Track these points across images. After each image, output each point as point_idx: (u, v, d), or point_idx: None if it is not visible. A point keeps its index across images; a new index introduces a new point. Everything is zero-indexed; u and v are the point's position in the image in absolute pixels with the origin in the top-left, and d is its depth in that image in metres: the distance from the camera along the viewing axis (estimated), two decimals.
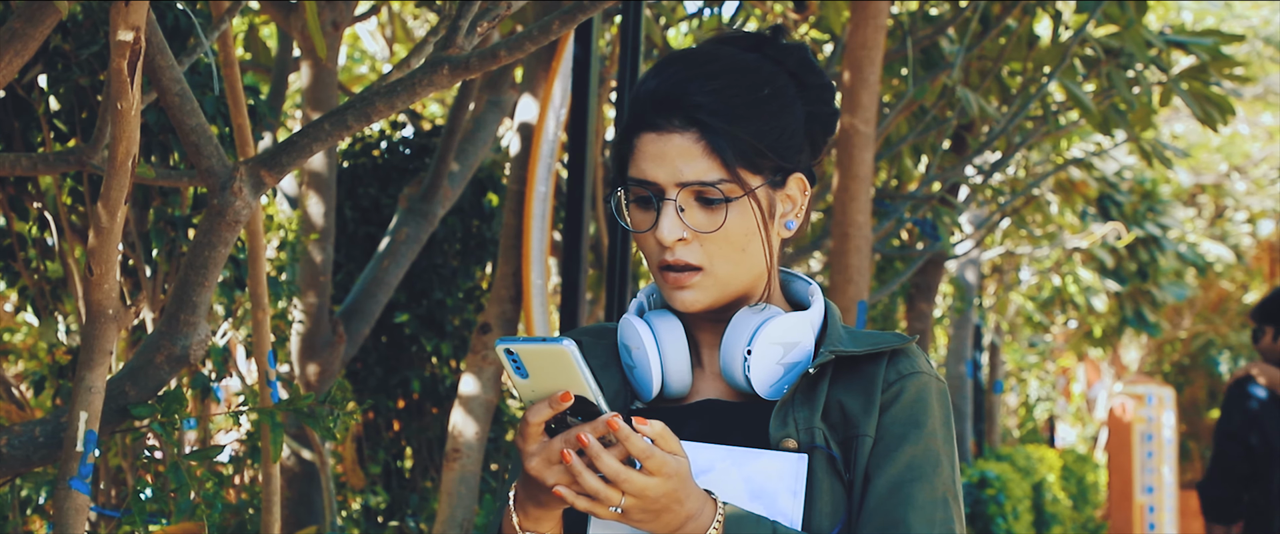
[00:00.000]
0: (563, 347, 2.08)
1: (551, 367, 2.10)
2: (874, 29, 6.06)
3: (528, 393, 2.13)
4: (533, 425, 2.11)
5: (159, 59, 3.05)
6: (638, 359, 2.35)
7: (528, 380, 2.11)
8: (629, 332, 2.37)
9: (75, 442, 2.96)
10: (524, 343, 2.09)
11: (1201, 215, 21.86)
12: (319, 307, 6.49)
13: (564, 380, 2.10)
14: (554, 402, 2.10)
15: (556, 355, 2.09)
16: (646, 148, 2.30)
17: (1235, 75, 7.93)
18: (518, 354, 2.10)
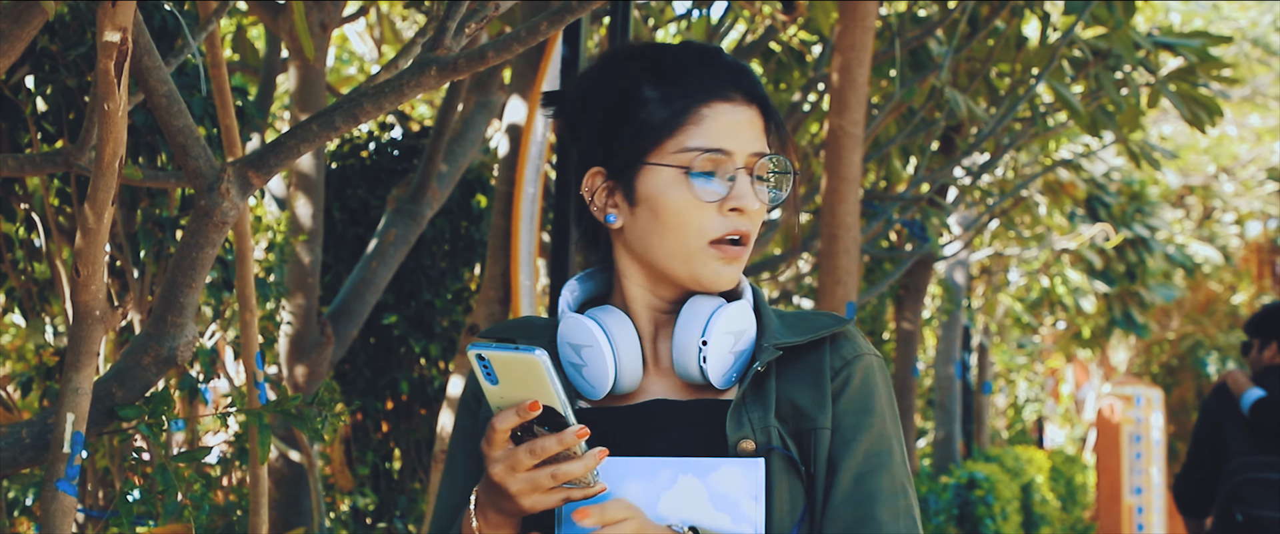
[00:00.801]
0: (535, 357, 2.07)
1: (522, 375, 2.09)
2: (862, 30, 6.06)
3: (496, 399, 2.13)
4: (500, 432, 2.12)
5: (146, 60, 3.04)
6: (589, 358, 2.31)
7: (497, 387, 2.12)
8: (576, 329, 2.32)
9: (62, 443, 2.96)
10: (496, 349, 2.09)
11: (1189, 217, 21.90)
12: (307, 308, 6.49)
13: (533, 390, 2.10)
14: (522, 410, 2.10)
15: (528, 365, 2.08)
16: (721, 117, 2.28)
17: (1223, 77, 7.94)
18: (489, 360, 2.10)
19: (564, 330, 2.34)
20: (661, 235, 2.30)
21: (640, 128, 2.29)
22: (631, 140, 2.29)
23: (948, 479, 10.60)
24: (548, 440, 2.10)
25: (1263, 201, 22.16)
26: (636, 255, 2.35)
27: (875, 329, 13.44)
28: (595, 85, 2.35)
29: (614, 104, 2.31)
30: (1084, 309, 16.35)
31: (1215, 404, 7.26)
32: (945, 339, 12.70)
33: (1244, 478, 6.91)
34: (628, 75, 2.32)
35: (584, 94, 2.35)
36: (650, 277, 2.35)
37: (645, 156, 2.29)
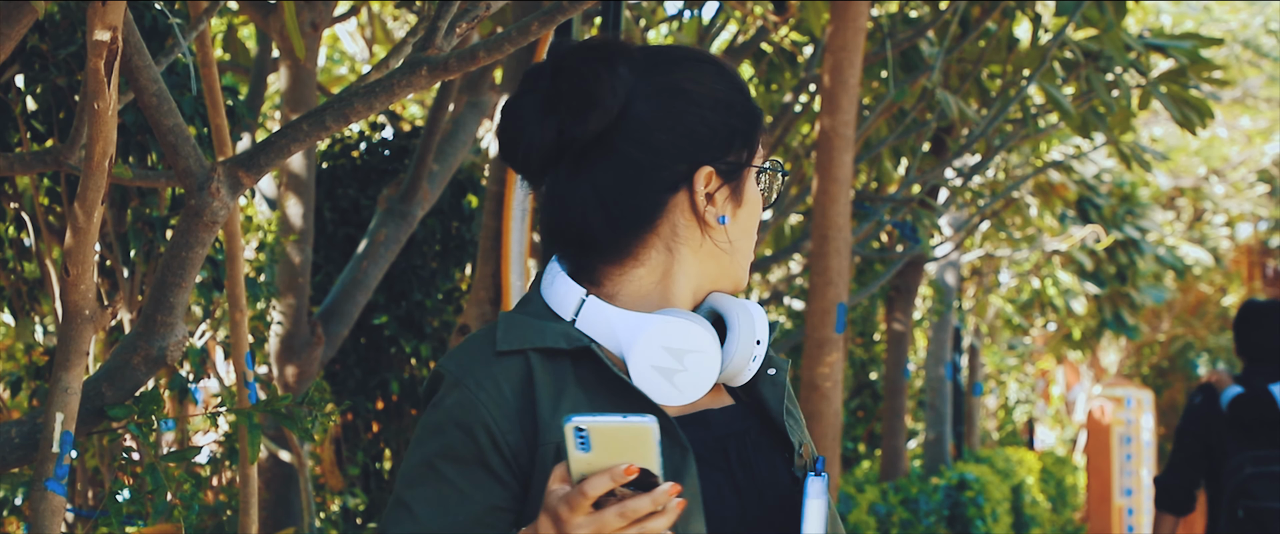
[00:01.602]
0: (648, 425, 1.96)
1: (625, 442, 1.97)
2: (854, 31, 6.06)
3: (583, 466, 1.99)
4: (589, 498, 1.97)
5: (136, 59, 3.04)
6: (692, 364, 2.22)
7: (588, 454, 1.98)
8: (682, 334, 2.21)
9: (51, 443, 2.95)
10: (600, 420, 1.97)
11: (1180, 218, 21.93)
12: (297, 308, 6.48)
13: (633, 454, 1.98)
14: (617, 475, 1.96)
15: (636, 433, 1.97)
16: None
17: (1214, 79, 7.95)
18: (588, 431, 1.97)
19: (661, 334, 2.22)
20: (747, 236, 2.33)
21: (750, 130, 2.31)
22: (744, 141, 2.30)
23: (938, 480, 10.61)
24: (640, 501, 1.98)
25: (1253, 204, 22.19)
26: (715, 260, 2.31)
27: (866, 330, 13.45)
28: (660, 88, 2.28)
29: (718, 103, 2.30)
30: (1074, 311, 16.37)
31: (1204, 402, 7.25)
32: (936, 340, 12.70)
33: (1251, 473, 6.92)
34: (719, 75, 2.31)
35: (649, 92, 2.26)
36: (711, 278, 2.33)
37: (753, 159, 2.31)
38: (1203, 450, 7.18)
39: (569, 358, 2.22)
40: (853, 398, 13.48)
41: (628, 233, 2.27)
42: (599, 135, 2.24)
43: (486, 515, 2.16)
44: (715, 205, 2.28)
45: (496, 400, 2.17)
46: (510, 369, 2.19)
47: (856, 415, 13.53)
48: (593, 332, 2.24)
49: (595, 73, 2.23)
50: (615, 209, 2.25)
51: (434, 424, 2.20)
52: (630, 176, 2.25)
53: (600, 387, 2.21)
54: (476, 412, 2.17)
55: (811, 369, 5.93)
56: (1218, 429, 7.10)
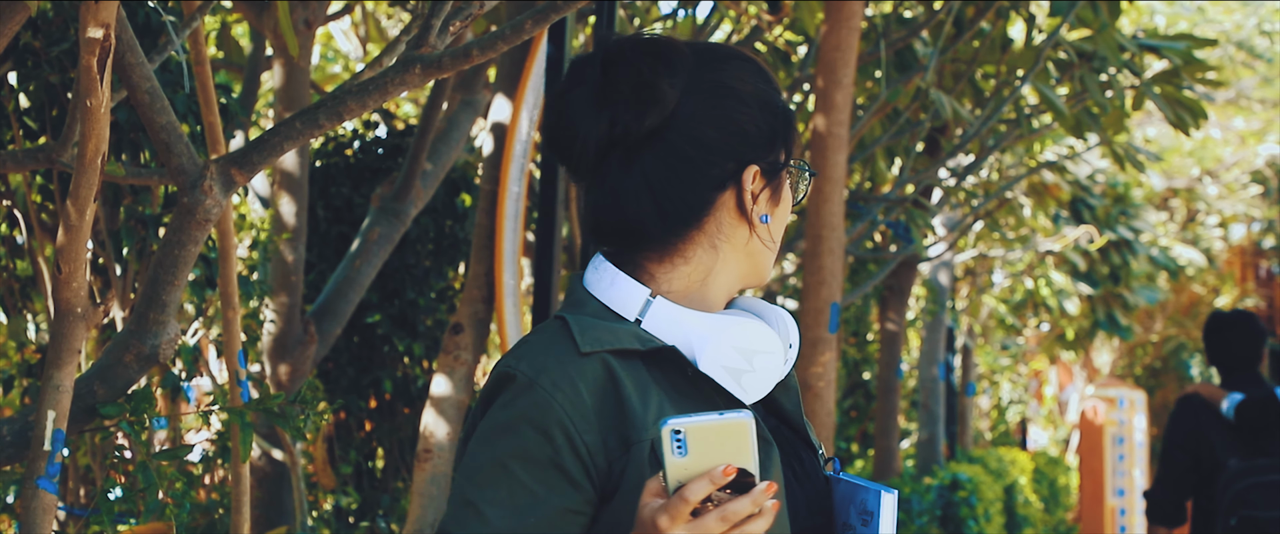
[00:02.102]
0: (745, 420, 1.95)
1: (721, 441, 1.95)
2: (848, 31, 6.06)
3: (680, 472, 1.96)
4: (690, 505, 1.95)
5: (129, 56, 3.03)
6: (760, 364, 2.22)
7: (685, 458, 1.95)
8: (753, 334, 2.22)
9: (43, 441, 2.95)
10: (696, 420, 1.94)
11: (1173, 219, 21.95)
12: (290, 306, 6.48)
13: (731, 454, 1.95)
14: (716, 477, 1.94)
15: (734, 430, 1.95)
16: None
17: (1207, 79, 7.96)
18: (685, 433, 1.94)
19: (734, 335, 2.22)
20: (777, 239, 2.34)
21: (788, 130, 2.33)
22: (785, 141, 2.32)
23: (931, 480, 10.62)
24: (741, 503, 1.96)
25: (1246, 204, 22.21)
26: (753, 258, 2.33)
27: (860, 330, 13.45)
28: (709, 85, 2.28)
29: (754, 105, 2.30)
30: (1068, 311, 16.37)
31: (1191, 414, 7.33)
32: (929, 340, 12.71)
33: (1248, 483, 6.96)
34: (760, 75, 2.32)
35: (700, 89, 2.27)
36: (745, 277, 2.34)
37: (790, 159, 2.34)
38: (1191, 463, 7.23)
39: (641, 359, 2.21)
40: (846, 397, 13.49)
41: (677, 228, 2.27)
42: (653, 130, 2.25)
43: (559, 519, 2.12)
44: (759, 204, 2.29)
45: (574, 401, 2.14)
46: (587, 370, 2.16)
47: (850, 415, 13.54)
48: (659, 331, 2.24)
49: (653, 68, 2.24)
50: (667, 203, 2.25)
51: (504, 424, 2.16)
52: (682, 172, 2.25)
53: (675, 387, 2.21)
54: (553, 413, 2.13)
55: (805, 369, 5.92)
56: (1205, 440, 7.17)
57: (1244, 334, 7.38)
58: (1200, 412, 7.27)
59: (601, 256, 2.33)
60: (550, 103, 2.32)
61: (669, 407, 2.17)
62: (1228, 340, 7.40)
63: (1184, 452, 7.27)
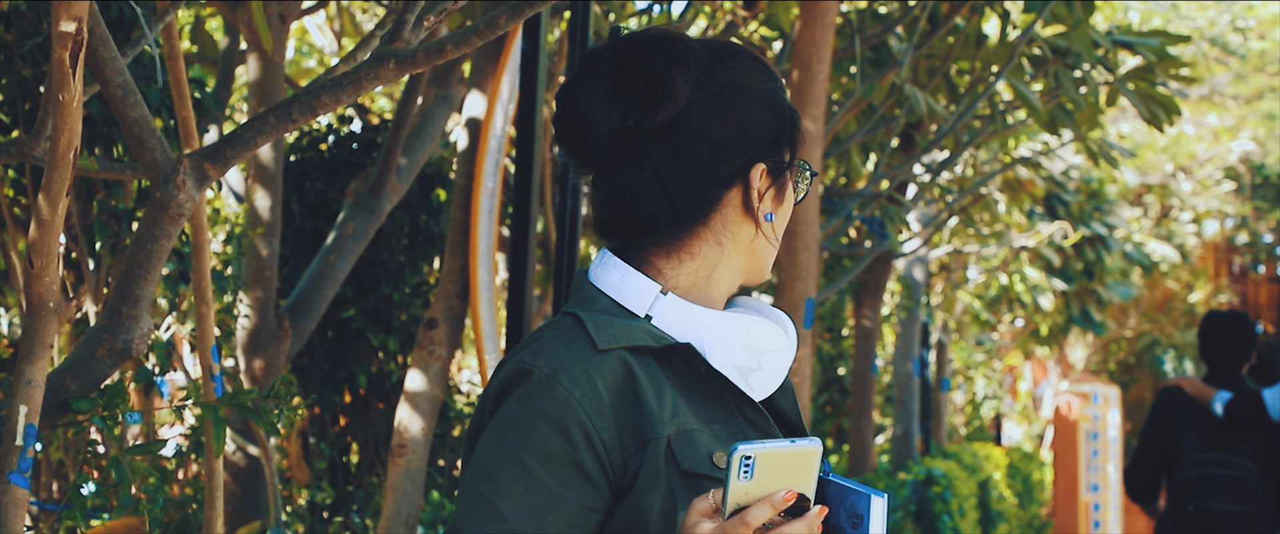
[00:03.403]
0: (815, 448, 1.97)
1: (788, 467, 1.97)
2: (823, 27, 6.07)
3: (741, 496, 1.97)
4: (750, 529, 1.96)
5: (102, 50, 3.02)
6: (769, 364, 2.25)
7: (749, 482, 1.96)
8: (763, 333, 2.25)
9: (15, 435, 2.94)
10: (769, 447, 1.96)
11: (1147, 215, 22.00)
12: (264, 301, 6.46)
13: (794, 479, 1.98)
14: (777, 503, 1.96)
15: (803, 457, 1.97)
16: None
17: (1181, 76, 7.98)
18: (755, 458, 1.95)
19: (744, 333, 2.24)
20: (782, 232, 2.36)
21: (793, 130, 2.34)
22: (791, 139, 2.34)
23: (905, 476, 10.63)
24: (796, 527, 1.99)
25: (1220, 201, 22.28)
26: (755, 255, 2.35)
27: (834, 326, 13.47)
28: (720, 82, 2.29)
29: (771, 102, 2.32)
30: (1042, 307, 16.40)
31: (1166, 407, 7.81)
32: (904, 336, 12.72)
33: (1195, 473, 7.50)
34: (768, 73, 2.34)
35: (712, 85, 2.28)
36: (746, 275, 2.36)
37: (795, 156, 2.35)
38: (1158, 451, 7.80)
39: (654, 355, 2.21)
40: (821, 393, 13.49)
41: (685, 224, 2.28)
42: (665, 125, 2.26)
43: (575, 516, 2.13)
44: (764, 202, 2.31)
45: (592, 399, 2.14)
46: (605, 367, 2.16)
47: (824, 411, 13.54)
48: (669, 328, 2.25)
49: (667, 62, 2.24)
50: (676, 199, 2.26)
51: (519, 420, 2.15)
52: (692, 167, 2.26)
53: (686, 384, 2.22)
54: (571, 410, 2.13)
55: None
56: (1177, 429, 7.68)
57: (1238, 334, 7.81)
58: (1175, 404, 7.75)
59: (608, 252, 2.33)
60: (560, 95, 2.32)
61: (682, 404, 2.18)
62: (1225, 340, 7.81)
63: (1153, 441, 7.82)
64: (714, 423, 2.20)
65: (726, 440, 2.18)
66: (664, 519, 2.13)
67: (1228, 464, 7.46)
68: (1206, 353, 7.87)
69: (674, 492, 2.13)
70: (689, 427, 2.16)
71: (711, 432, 2.18)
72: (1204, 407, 7.62)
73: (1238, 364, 7.79)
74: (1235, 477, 7.42)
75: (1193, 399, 7.69)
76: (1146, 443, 7.87)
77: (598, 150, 2.27)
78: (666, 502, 2.13)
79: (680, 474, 2.13)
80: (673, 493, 2.13)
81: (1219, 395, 7.56)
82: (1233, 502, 7.40)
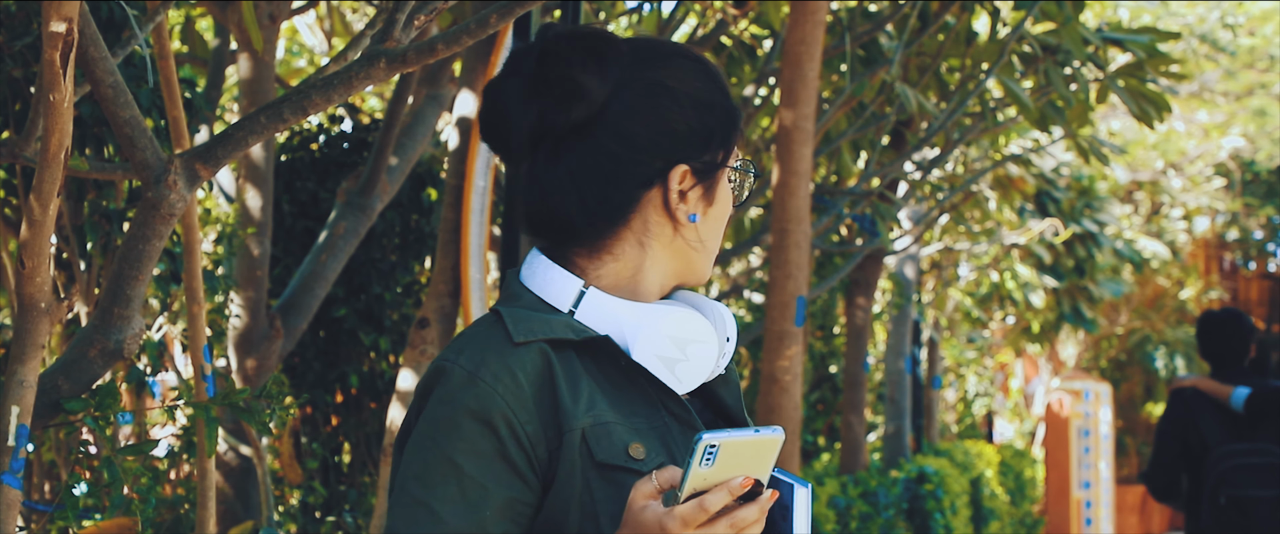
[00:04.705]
0: (779, 437, 1.99)
1: (749, 455, 1.99)
2: (813, 25, 6.07)
3: (699, 482, 1.99)
4: (708, 514, 1.98)
5: (92, 51, 3.02)
6: (694, 354, 2.24)
7: (709, 469, 1.98)
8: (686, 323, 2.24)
9: (6, 436, 2.94)
10: (733, 436, 1.98)
11: (1138, 212, 22.02)
12: (256, 301, 6.46)
13: (752, 466, 2.00)
14: (734, 488, 1.99)
15: (766, 445, 2.00)
16: None
17: (1171, 73, 7.98)
18: (719, 447, 1.97)
19: (667, 324, 2.24)
20: (716, 235, 2.35)
21: (727, 130, 2.32)
22: (722, 142, 2.32)
23: (897, 473, 10.63)
24: (749, 512, 2.01)
25: (1210, 197, 22.30)
26: (685, 255, 2.33)
27: (826, 323, 13.48)
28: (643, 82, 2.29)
29: (700, 102, 2.31)
30: (1033, 304, 16.42)
31: (1182, 405, 7.94)
32: (895, 333, 12.73)
33: (1228, 465, 7.67)
34: (702, 74, 2.32)
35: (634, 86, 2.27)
36: (677, 274, 2.34)
37: (729, 159, 2.33)
38: (1180, 449, 7.92)
39: (574, 349, 2.22)
40: (812, 391, 13.51)
41: (602, 224, 2.28)
42: (580, 125, 2.26)
43: (509, 509, 2.14)
44: (687, 203, 2.30)
45: (515, 392, 2.15)
46: (525, 360, 2.17)
47: (816, 408, 13.56)
48: (592, 322, 2.25)
49: (583, 62, 2.24)
50: (591, 199, 2.26)
51: (445, 420, 2.16)
52: (607, 169, 2.25)
53: (606, 378, 2.23)
54: (495, 404, 2.14)
55: (771, 362, 5.93)
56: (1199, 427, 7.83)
57: (1236, 331, 8.00)
58: (1190, 402, 7.91)
59: (537, 251, 2.34)
60: (486, 90, 2.32)
61: (599, 397, 2.19)
62: (1224, 336, 8.01)
63: (1173, 438, 7.94)
64: (636, 416, 2.21)
65: (648, 433, 2.19)
66: (581, 511, 2.14)
67: (1257, 452, 7.66)
68: (1207, 352, 8.06)
69: (590, 483, 2.14)
70: (605, 419, 2.17)
71: (632, 424, 2.19)
72: (1221, 402, 7.80)
73: (1238, 360, 7.96)
74: (1266, 463, 7.63)
75: (1208, 396, 7.86)
76: (1166, 442, 7.98)
77: (518, 147, 2.28)
78: (583, 493, 2.14)
79: (595, 466, 2.14)
80: (589, 485, 2.14)
81: (1238, 391, 7.73)
82: (1267, 487, 7.60)
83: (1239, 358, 7.98)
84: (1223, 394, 7.78)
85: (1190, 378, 8.08)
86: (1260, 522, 7.56)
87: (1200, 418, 7.84)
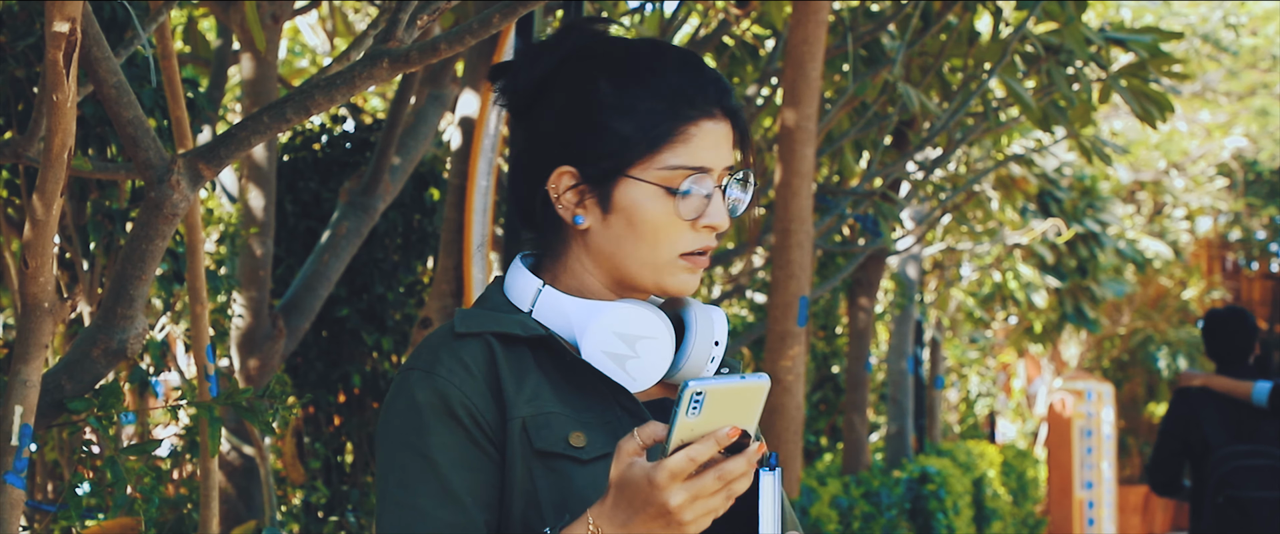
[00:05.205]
0: (764, 384, 1.99)
1: (734, 404, 1.99)
2: (815, 25, 6.07)
3: (686, 432, 1.98)
4: (698, 464, 1.98)
5: (95, 51, 3.02)
6: (644, 350, 2.24)
7: (696, 419, 1.97)
8: (635, 320, 2.24)
9: (10, 436, 2.94)
10: (719, 382, 1.97)
11: (1140, 212, 22.01)
12: (259, 300, 6.46)
13: (738, 416, 1.99)
14: (721, 439, 1.98)
15: (751, 392, 1.99)
16: (706, 136, 2.25)
17: (1173, 72, 7.98)
18: (706, 394, 1.96)
19: (612, 320, 2.24)
20: (635, 245, 2.27)
21: (625, 140, 2.25)
22: (615, 150, 2.25)
23: (900, 473, 10.64)
24: (737, 463, 2.00)
25: (1213, 197, 22.29)
26: (602, 258, 2.30)
27: (828, 323, 13.47)
28: (564, 80, 2.29)
29: (589, 106, 2.27)
30: (1035, 304, 16.41)
31: (1185, 403, 8.01)
32: (898, 334, 12.73)
33: (1229, 467, 7.73)
34: (605, 76, 2.28)
35: (546, 85, 2.28)
36: (610, 279, 2.31)
37: (628, 169, 2.25)
38: (1180, 447, 8.00)
39: (527, 346, 2.25)
40: (815, 391, 13.51)
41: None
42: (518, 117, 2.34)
43: (486, 493, 2.20)
44: (580, 207, 2.29)
45: (466, 379, 2.19)
46: (472, 349, 2.22)
47: (818, 409, 13.56)
48: (548, 321, 2.29)
49: (521, 53, 2.30)
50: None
51: (413, 420, 2.21)
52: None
53: (559, 374, 2.25)
54: (452, 394, 2.19)
55: (774, 363, 5.94)
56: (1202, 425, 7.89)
57: (1239, 329, 8.05)
58: (1194, 400, 7.97)
59: (518, 256, 2.39)
60: None
61: (548, 391, 2.22)
62: (1228, 334, 8.05)
63: (1174, 436, 8.02)
64: (587, 410, 2.23)
65: (598, 426, 2.21)
66: (525, 499, 2.18)
67: (1259, 453, 7.71)
68: (1212, 350, 8.09)
69: (532, 472, 2.18)
70: (547, 410, 2.20)
71: (580, 418, 2.22)
72: (1225, 401, 7.84)
73: (1242, 358, 7.99)
74: (1267, 465, 7.67)
75: (1213, 395, 7.90)
76: (1168, 439, 8.06)
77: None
78: (526, 482, 2.18)
79: (535, 454, 2.18)
80: (532, 473, 2.18)
81: (1259, 385, 7.76)
82: (1267, 488, 7.65)
83: (1243, 356, 8.00)
84: (1240, 391, 7.80)
85: (1199, 375, 8.11)
86: (1261, 523, 7.59)
87: (1202, 416, 7.88)
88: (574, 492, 2.17)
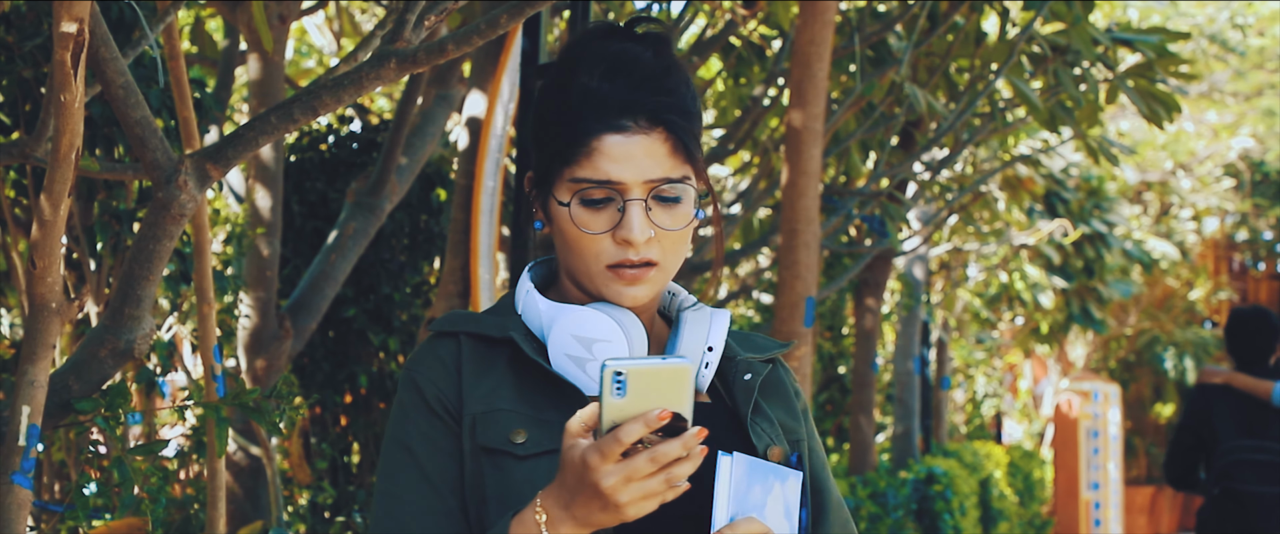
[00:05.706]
0: (686, 366, 2.00)
1: (661, 386, 2.00)
2: (822, 25, 6.07)
3: (616, 413, 2.00)
4: (623, 445, 1.99)
5: (103, 51, 3.03)
6: (600, 353, 2.26)
7: (621, 400, 1.99)
8: (588, 322, 2.27)
9: (17, 436, 2.94)
10: (638, 363, 1.99)
11: (1147, 212, 21.99)
12: (265, 301, 6.47)
13: (668, 399, 2.00)
14: (650, 420, 1.98)
15: (675, 375, 2.00)
16: (610, 149, 2.25)
17: (1181, 73, 7.97)
18: (626, 374, 1.98)
19: (569, 323, 2.28)
20: (567, 255, 2.34)
21: (549, 154, 2.31)
22: (546, 163, 2.32)
23: (906, 474, 10.63)
24: (671, 446, 2.00)
25: (1219, 198, 22.27)
26: (562, 257, 2.37)
27: (835, 324, 13.46)
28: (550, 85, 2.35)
29: (537, 114, 2.36)
30: (1042, 305, 16.39)
31: (1202, 399, 8.17)
32: (904, 334, 12.72)
33: (1231, 459, 7.92)
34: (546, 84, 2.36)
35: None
36: (579, 274, 2.35)
37: (550, 184, 2.32)
38: (1194, 441, 8.19)
39: (501, 346, 2.32)
40: (821, 391, 13.49)
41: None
42: None
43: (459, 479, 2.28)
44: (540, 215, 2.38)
45: (439, 372, 2.29)
46: (447, 347, 2.32)
47: (825, 409, 13.55)
48: (531, 322, 2.36)
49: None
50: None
51: (398, 415, 2.32)
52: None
53: (525, 374, 2.30)
54: (427, 387, 2.29)
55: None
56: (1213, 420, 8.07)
57: (1261, 328, 8.22)
58: (1211, 397, 8.14)
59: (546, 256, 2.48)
60: None
61: (507, 389, 2.28)
62: (1249, 334, 8.22)
63: (1190, 431, 8.22)
64: (549, 410, 2.27)
65: (555, 427, 2.23)
66: (474, 491, 2.25)
67: (1262, 449, 7.86)
68: (1234, 349, 8.23)
69: (480, 467, 2.24)
70: (498, 407, 2.26)
71: (538, 417, 2.26)
72: (1240, 398, 7.98)
73: (1263, 358, 8.12)
74: (1268, 461, 7.82)
75: (1231, 392, 8.03)
76: (1184, 433, 8.23)
77: None
78: (474, 473, 2.25)
79: (480, 450, 2.24)
80: (480, 468, 2.24)
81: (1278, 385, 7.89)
82: (1266, 484, 7.79)
83: (1265, 356, 8.12)
84: (1261, 390, 7.92)
85: (1221, 372, 8.24)
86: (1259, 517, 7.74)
87: (1215, 410, 8.02)
88: (512, 486, 2.21)
